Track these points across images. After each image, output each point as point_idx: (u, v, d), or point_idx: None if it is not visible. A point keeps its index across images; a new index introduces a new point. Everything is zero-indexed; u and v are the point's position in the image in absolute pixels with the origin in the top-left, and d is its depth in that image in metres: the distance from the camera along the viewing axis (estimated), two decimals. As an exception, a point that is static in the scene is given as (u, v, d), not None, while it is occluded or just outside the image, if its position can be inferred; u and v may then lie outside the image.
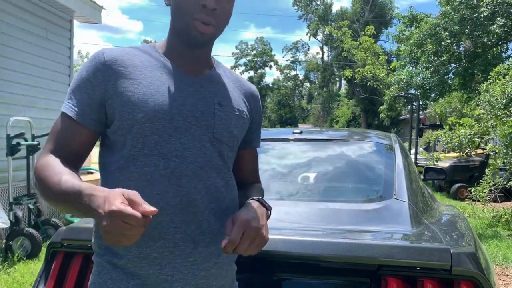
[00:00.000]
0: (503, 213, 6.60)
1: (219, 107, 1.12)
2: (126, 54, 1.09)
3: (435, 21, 12.83)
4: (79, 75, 1.06)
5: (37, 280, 1.49)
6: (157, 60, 1.11)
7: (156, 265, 1.02)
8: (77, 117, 1.04)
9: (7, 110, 5.33)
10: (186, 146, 1.05)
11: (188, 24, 1.06)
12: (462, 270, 1.21)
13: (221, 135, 1.10)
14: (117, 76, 1.05)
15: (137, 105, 1.02)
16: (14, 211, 4.71)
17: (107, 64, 1.05)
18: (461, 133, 7.26)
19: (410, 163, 2.28)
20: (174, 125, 1.04)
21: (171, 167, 1.03)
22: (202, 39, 1.09)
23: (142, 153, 1.03)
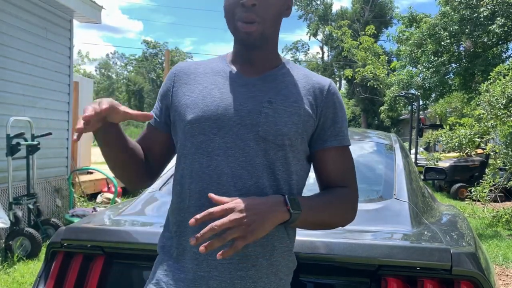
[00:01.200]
0: (503, 213, 6.60)
1: (268, 104, 1.08)
2: (194, 64, 1.21)
3: (434, 21, 12.83)
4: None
5: (37, 280, 1.49)
6: (219, 67, 1.18)
7: (195, 260, 1.05)
8: (152, 122, 1.20)
9: (7, 110, 5.33)
10: (229, 145, 1.07)
11: (234, 27, 1.10)
12: (462, 270, 1.21)
13: (267, 133, 1.06)
14: (180, 83, 1.17)
15: (189, 107, 1.11)
16: (14, 211, 4.71)
17: (175, 73, 1.20)
18: (461, 133, 7.25)
19: (410, 163, 2.28)
20: (219, 125, 1.08)
21: (213, 165, 1.06)
22: (250, 39, 1.08)
23: (190, 151, 1.10)
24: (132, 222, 1.73)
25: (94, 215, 1.88)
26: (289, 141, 1.08)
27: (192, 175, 1.08)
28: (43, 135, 5.31)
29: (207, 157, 1.07)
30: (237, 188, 1.04)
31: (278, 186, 1.08)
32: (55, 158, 6.46)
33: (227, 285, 1.03)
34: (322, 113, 1.14)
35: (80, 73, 38.86)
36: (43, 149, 5.48)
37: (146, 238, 1.42)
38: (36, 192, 5.17)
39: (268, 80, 1.13)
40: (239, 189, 1.04)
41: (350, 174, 1.20)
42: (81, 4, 6.51)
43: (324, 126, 1.14)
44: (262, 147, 1.06)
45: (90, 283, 1.41)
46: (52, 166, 6.40)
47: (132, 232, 1.48)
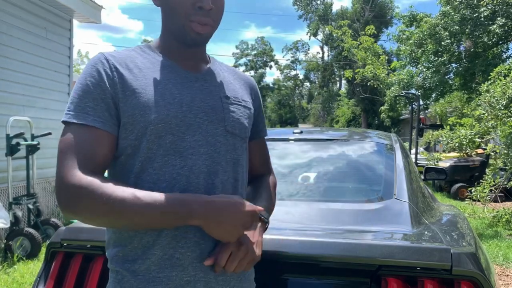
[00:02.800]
0: (503, 213, 6.60)
1: (226, 99, 1.12)
2: (127, 56, 1.08)
3: (435, 21, 12.83)
4: (84, 81, 1.02)
5: (37, 280, 1.49)
6: (157, 60, 1.10)
7: (179, 266, 1.01)
8: (98, 125, 0.99)
9: (6, 110, 5.33)
10: (200, 142, 1.04)
11: (184, 25, 1.06)
12: (463, 270, 1.20)
13: (233, 127, 1.10)
14: (125, 79, 1.02)
15: (149, 107, 1.01)
16: (13, 211, 4.71)
17: (112, 68, 1.03)
18: (462, 133, 7.25)
19: (411, 163, 2.28)
20: (187, 123, 1.04)
21: (188, 165, 1.02)
22: (200, 39, 1.08)
23: (158, 154, 1.01)
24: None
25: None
26: (248, 134, 1.17)
27: (166, 179, 1.01)
28: (43, 135, 5.31)
29: (180, 158, 1.02)
30: (215, 186, 1.05)
31: (244, 179, 1.15)
32: (55, 158, 6.41)
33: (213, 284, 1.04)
34: (255, 106, 1.24)
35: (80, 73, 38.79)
36: (43, 149, 5.48)
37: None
38: (36, 192, 5.17)
39: (212, 75, 1.16)
40: (217, 186, 1.06)
41: (269, 161, 1.36)
42: (81, 4, 6.51)
43: (257, 118, 1.26)
44: (231, 142, 1.10)
45: (90, 283, 1.41)
46: (52, 166, 6.39)
47: (132, 232, 1.48)
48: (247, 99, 1.20)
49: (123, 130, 1.02)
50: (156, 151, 1.01)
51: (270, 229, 1.18)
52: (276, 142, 2.43)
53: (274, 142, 2.43)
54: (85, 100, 1.00)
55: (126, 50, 1.12)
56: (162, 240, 1.00)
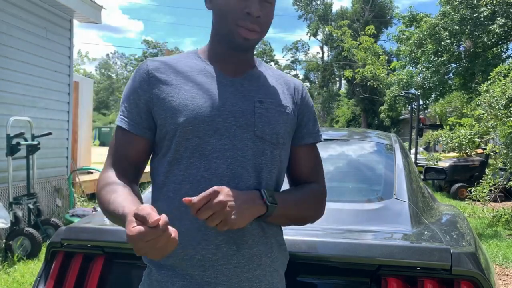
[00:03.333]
0: (503, 213, 6.60)
1: (260, 104, 1.11)
2: (169, 61, 1.13)
3: (434, 20, 12.83)
4: (127, 87, 1.12)
5: (37, 280, 1.49)
6: (198, 65, 1.13)
7: (200, 266, 1.03)
8: (129, 128, 1.08)
9: (7, 110, 5.33)
10: (226, 146, 1.05)
11: (232, 30, 1.08)
12: (462, 270, 1.21)
13: (263, 132, 1.09)
14: (160, 84, 1.08)
15: (179, 110, 1.05)
16: (14, 211, 4.71)
17: (150, 73, 1.10)
18: (461, 133, 7.25)
19: (410, 163, 2.28)
20: (215, 127, 1.05)
21: (212, 168, 1.04)
22: (247, 45, 1.11)
23: (185, 156, 1.05)
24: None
25: (94, 215, 1.88)
26: (282, 140, 1.13)
27: (190, 180, 1.04)
28: (43, 135, 5.31)
29: (205, 161, 1.04)
30: (239, 190, 1.03)
31: (272, 184, 1.12)
32: (55, 158, 6.46)
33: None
34: (300, 111, 1.20)
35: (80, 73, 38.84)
36: (43, 149, 5.48)
37: (146, 238, 1.42)
38: (36, 192, 5.17)
39: (252, 79, 1.16)
40: (240, 190, 1.03)
41: (320, 170, 1.27)
42: (81, 3, 6.51)
43: (301, 124, 1.21)
44: (259, 147, 1.09)
45: (90, 283, 1.41)
46: (52, 166, 6.40)
47: (132, 232, 1.48)
48: (288, 104, 1.17)
49: (158, 131, 1.09)
50: (183, 153, 1.05)
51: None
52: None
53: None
54: (124, 104, 1.11)
55: (174, 56, 1.17)
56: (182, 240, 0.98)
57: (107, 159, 1.11)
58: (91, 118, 9.91)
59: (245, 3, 1.06)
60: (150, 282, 1.07)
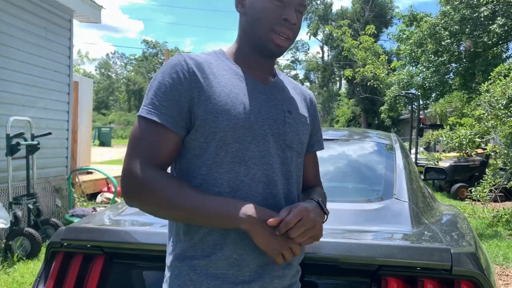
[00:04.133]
0: (503, 213, 6.60)
1: (289, 114, 1.16)
2: (204, 61, 1.11)
3: (435, 20, 12.82)
4: (162, 81, 1.07)
5: (37, 280, 1.49)
6: (230, 68, 1.14)
7: (236, 266, 1.05)
8: (168, 124, 1.05)
9: (6, 110, 5.33)
10: (263, 153, 1.09)
11: (265, 35, 1.10)
12: (463, 270, 1.21)
13: (292, 142, 1.15)
14: (201, 84, 1.07)
15: (221, 113, 1.05)
16: (13, 211, 4.71)
17: (191, 71, 1.07)
18: (462, 133, 7.25)
19: (410, 163, 2.28)
20: (253, 133, 1.08)
21: (251, 173, 1.07)
22: (278, 52, 1.13)
23: (225, 160, 1.06)
24: (132, 222, 1.72)
25: (94, 215, 1.88)
26: (304, 149, 1.22)
27: (230, 184, 1.06)
28: (43, 135, 5.31)
29: (244, 166, 1.07)
30: (273, 195, 1.10)
31: (298, 191, 1.19)
32: (55, 158, 6.46)
33: (268, 285, 1.07)
34: (311, 121, 1.28)
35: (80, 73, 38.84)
36: (43, 149, 5.47)
37: (146, 238, 1.42)
38: (36, 192, 5.17)
39: (279, 88, 1.20)
40: (275, 196, 1.10)
41: (319, 175, 1.39)
42: (81, 3, 6.50)
43: (312, 133, 1.29)
44: (289, 155, 1.15)
45: (90, 283, 1.41)
46: (52, 166, 6.40)
47: (132, 232, 1.48)
48: (306, 114, 1.24)
49: (194, 131, 1.07)
50: (223, 157, 1.06)
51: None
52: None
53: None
54: (160, 100, 1.05)
55: (202, 54, 1.16)
56: (224, 242, 1.05)
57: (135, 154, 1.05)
58: (91, 118, 9.91)
59: (283, 10, 1.09)
60: (183, 282, 1.06)
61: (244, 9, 1.15)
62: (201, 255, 1.06)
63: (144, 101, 1.08)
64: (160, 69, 1.11)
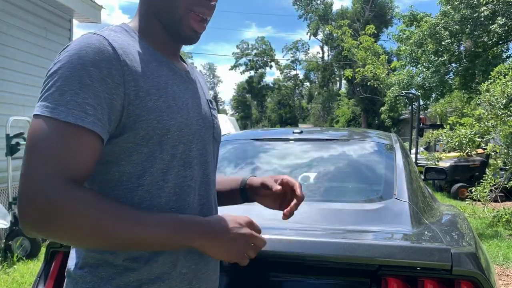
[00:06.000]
0: (503, 213, 6.60)
1: (211, 104, 1.07)
2: (128, 45, 0.89)
3: (435, 20, 12.83)
4: (84, 70, 0.80)
5: (37, 280, 1.49)
6: (152, 53, 0.94)
7: (185, 280, 0.94)
8: (97, 129, 0.80)
9: (6, 110, 5.33)
10: (201, 151, 0.98)
11: (181, 18, 0.93)
12: (463, 270, 1.20)
13: (218, 135, 1.07)
14: (135, 76, 0.85)
15: (165, 111, 0.88)
16: (13, 211, 4.71)
17: (121, 59, 0.84)
18: (462, 133, 7.24)
19: (411, 163, 2.28)
20: (193, 130, 0.95)
21: (195, 176, 0.95)
22: (195, 38, 0.97)
23: (172, 165, 0.90)
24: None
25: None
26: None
27: (176, 191, 0.91)
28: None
29: (189, 169, 0.94)
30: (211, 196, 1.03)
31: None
32: (55, 158, 6.46)
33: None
34: None
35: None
36: (43, 149, 5.47)
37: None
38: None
39: (192, 75, 1.06)
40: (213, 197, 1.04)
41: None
42: (81, 3, 6.51)
43: None
44: (216, 150, 1.08)
45: (89, 283, 1.41)
46: (52, 166, 6.40)
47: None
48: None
49: (132, 134, 0.85)
50: (170, 161, 0.90)
51: (270, 229, 1.18)
52: (276, 142, 2.43)
53: (274, 142, 2.43)
54: (83, 95, 0.79)
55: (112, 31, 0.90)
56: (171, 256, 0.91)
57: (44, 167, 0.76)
58: (91, 118, 9.91)
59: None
60: None
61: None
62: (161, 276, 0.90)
63: (54, 97, 0.80)
64: (73, 51, 0.82)
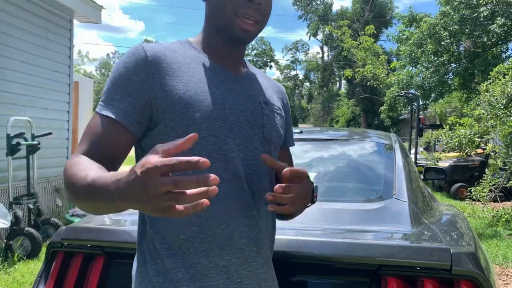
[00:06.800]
0: (503, 213, 6.60)
1: (265, 105, 1.09)
2: (167, 49, 1.01)
3: (434, 20, 12.83)
4: (116, 72, 0.96)
5: (37, 280, 1.49)
6: (197, 56, 1.04)
7: (225, 273, 0.96)
8: (118, 118, 0.93)
9: (7, 110, 5.33)
10: (240, 147, 1.01)
11: (230, 21, 1.00)
12: (462, 270, 1.21)
13: (270, 135, 1.08)
14: (163, 73, 0.96)
15: (192, 104, 0.95)
16: (14, 211, 4.71)
17: (149, 60, 0.96)
18: (461, 133, 7.25)
19: (410, 162, 2.28)
20: (229, 125, 0.99)
21: (230, 169, 0.99)
22: (246, 37, 1.03)
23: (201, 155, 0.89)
24: (132, 222, 1.72)
25: (94, 215, 1.88)
26: (280, 143, 1.15)
27: None
28: (43, 135, 5.31)
29: (222, 161, 0.98)
30: (253, 192, 1.03)
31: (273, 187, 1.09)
32: (55, 158, 6.45)
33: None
34: (285, 116, 1.22)
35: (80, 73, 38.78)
36: (43, 149, 5.47)
37: (146, 238, 1.42)
38: (36, 192, 5.17)
39: (252, 79, 1.12)
40: (253, 193, 1.03)
41: None
42: (81, 4, 6.50)
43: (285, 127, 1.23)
44: (266, 149, 1.08)
45: (90, 283, 1.41)
46: (52, 166, 6.39)
47: (132, 232, 1.48)
48: (281, 107, 1.17)
49: (163, 126, 0.96)
50: (199, 152, 0.95)
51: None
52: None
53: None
54: (113, 91, 0.95)
55: (165, 43, 1.05)
56: (205, 247, 0.96)
57: (79, 146, 0.94)
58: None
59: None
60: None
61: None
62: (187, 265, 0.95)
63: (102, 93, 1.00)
64: (119, 60, 1.01)
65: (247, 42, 1.06)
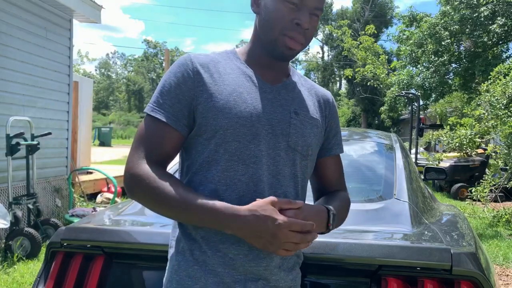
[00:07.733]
0: (503, 213, 6.60)
1: (295, 115, 1.14)
2: (211, 60, 1.13)
3: (435, 20, 12.84)
4: (168, 80, 1.10)
5: (37, 280, 1.49)
6: (238, 68, 1.14)
7: (230, 265, 1.05)
8: (170, 122, 1.07)
9: (6, 110, 5.33)
10: (263, 153, 1.08)
11: (277, 39, 1.09)
12: (463, 270, 1.20)
13: (296, 144, 1.13)
14: (204, 83, 1.08)
15: (221, 112, 1.06)
16: (13, 211, 4.71)
17: (195, 70, 1.09)
18: (462, 133, 7.25)
19: (410, 163, 2.28)
20: (253, 132, 1.08)
21: (249, 172, 1.07)
22: (290, 55, 1.12)
23: (223, 158, 1.07)
24: (132, 222, 1.72)
25: (94, 215, 1.88)
26: (311, 152, 1.18)
27: (227, 182, 1.06)
28: (43, 135, 5.31)
29: (243, 165, 1.07)
30: (269, 195, 1.06)
31: (298, 194, 1.16)
32: (55, 158, 6.46)
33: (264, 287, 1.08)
34: (328, 124, 1.25)
35: (80, 73, 38.82)
36: (43, 149, 5.47)
37: (146, 238, 1.42)
38: (36, 192, 5.17)
39: (289, 89, 1.18)
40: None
41: (344, 179, 1.35)
42: (81, 3, 6.50)
43: (329, 135, 1.26)
44: (290, 157, 1.13)
45: (90, 283, 1.41)
46: (52, 166, 6.39)
47: (132, 232, 1.48)
48: (318, 117, 1.20)
49: (197, 129, 1.09)
50: (222, 155, 1.07)
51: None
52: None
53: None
54: (164, 98, 1.08)
55: (212, 53, 1.18)
56: (217, 238, 1.06)
57: (137, 150, 1.08)
58: (91, 118, 9.91)
59: (296, 13, 1.07)
60: (180, 278, 1.07)
61: (258, 10, 1.14)
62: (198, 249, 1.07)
63: (151, 99, 1.11)
64: (169, 69, 1.13)
65: (289, 59, 1.16)
